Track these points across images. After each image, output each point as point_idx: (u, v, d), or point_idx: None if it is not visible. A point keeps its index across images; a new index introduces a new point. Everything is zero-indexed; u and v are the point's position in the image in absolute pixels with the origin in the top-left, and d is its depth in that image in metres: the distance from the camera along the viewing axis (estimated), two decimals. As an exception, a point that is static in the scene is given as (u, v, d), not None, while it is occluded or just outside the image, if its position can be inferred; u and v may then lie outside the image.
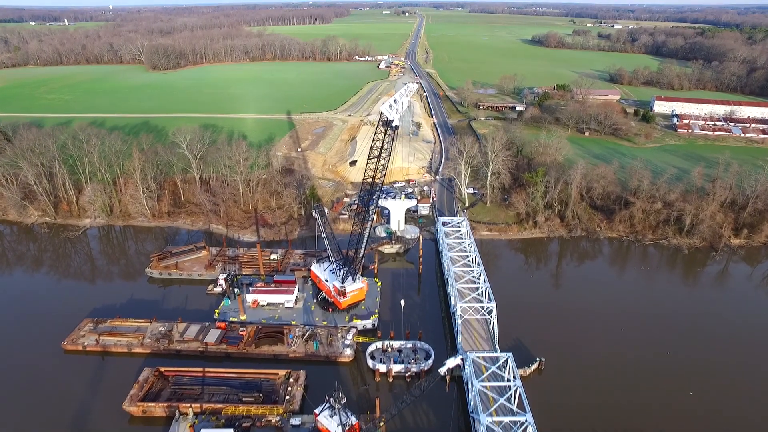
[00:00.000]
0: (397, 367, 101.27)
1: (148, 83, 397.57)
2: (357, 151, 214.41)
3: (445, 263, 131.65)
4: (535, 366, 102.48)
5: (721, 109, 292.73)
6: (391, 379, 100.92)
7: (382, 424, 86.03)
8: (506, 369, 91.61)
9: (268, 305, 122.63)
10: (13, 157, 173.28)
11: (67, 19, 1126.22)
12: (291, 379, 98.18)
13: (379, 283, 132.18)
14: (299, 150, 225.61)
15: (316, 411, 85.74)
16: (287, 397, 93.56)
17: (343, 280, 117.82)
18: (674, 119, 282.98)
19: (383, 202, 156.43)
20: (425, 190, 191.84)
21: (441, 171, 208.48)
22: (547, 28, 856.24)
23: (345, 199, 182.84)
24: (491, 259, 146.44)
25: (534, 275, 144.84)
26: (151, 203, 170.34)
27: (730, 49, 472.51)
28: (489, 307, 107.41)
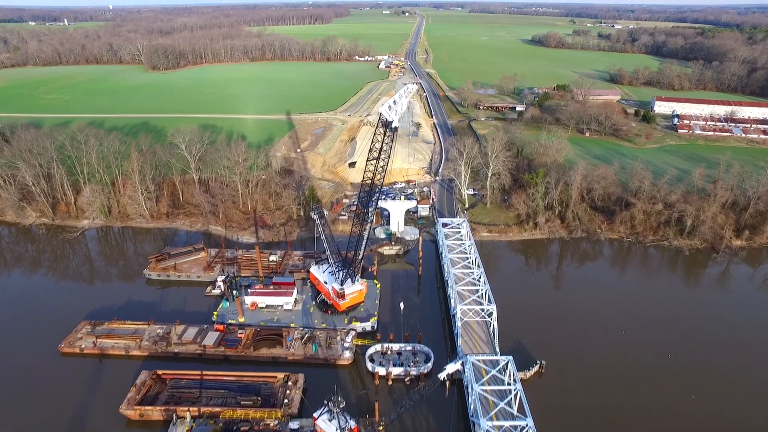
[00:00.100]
0: (397, 370, 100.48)
1: (148, 83, 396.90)
2: (356, 152, 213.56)
3: (445, 265, 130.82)
4: (535, 369, 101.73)
5: (721, 110, 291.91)
6: (391, 383, 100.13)
7: (382, 428, 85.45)
8: (506, 372, 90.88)
9: (267, 307, 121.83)
10: (11, 157, 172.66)
11: (66, 19, 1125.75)
12: (289, 383, 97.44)
13: (378, 285, 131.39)
14: (298, 150, 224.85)
15: (315, 415, 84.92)
16: (286, 401, 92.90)
17: (342, 282, 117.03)
18: (675, 120, 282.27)
19: (383, 203, 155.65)
20: (425, 191, 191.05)
21: (441, 172, 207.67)
22: (547, 28, 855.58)
23: (344, 200, 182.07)
24: (491, 261, 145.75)
25: (534, 277, 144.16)
26: (149, 204, 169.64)
27: (731, 50, 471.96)
28: (489, 310, 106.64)
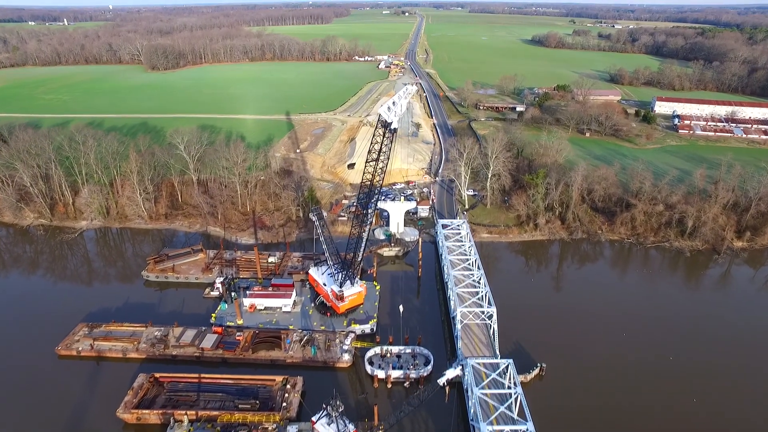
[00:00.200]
0: (396, 373, 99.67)
1: (147, 83, 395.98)
2: (356, 152, 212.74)
3: (445, 266, 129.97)
4: (536, 372, 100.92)
5: (722, 110, 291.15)
6: (390, 386, 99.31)
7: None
8: (507, 376, 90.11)
9: (266, 309, 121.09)
10: (8, 158, 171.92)
11: (66, 19, 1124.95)
12: (288, 386, 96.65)
13: (377, 287, 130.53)
14: (298, 151, 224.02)
15: (313, 419, 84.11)
16: (284, 404, 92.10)
17: (342, 284, 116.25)
18: (675, 120, 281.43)
19: (382, 204, 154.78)
20: (425, 191, 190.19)
21: (441, 172, 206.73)
22: (547, 28, 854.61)
23: (344, 201, 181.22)
24: (491, 262, 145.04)
25: (535, 278, 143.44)
26: (148, 205, 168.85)
27: (731, 50, 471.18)
28: (489, 312, 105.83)
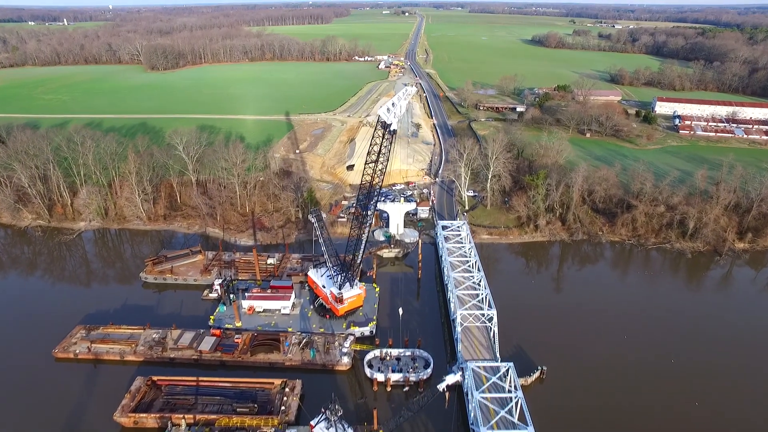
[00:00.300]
0: (396, 376, 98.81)
1: (147, 83, 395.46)
2: (356, 153, 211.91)
3: (445, 268, 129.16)
4: (536, 375, 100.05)
5: (723, 110, 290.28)
6: (390, 389, 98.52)
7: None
8: (507, 379, 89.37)
9: (265, 311, 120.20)
10: (6, 159, 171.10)
11: (66, 19, 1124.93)
12: (287, 389, 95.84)
13: (377, 289, 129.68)
14: (297, 151, 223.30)
15: (312, 423, 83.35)
16: (283, 408, 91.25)
17: (341, 287, 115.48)
18: (676, 120, 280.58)
19: (382, 205, 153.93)
20: (425, 192, 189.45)
21: (441, 173, 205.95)
22: (547, 28, 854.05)
23: (343, 202, 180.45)
24: (491, 263, 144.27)
25: (535, 280, 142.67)
26: (146, 206, 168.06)
27: (732, 50, 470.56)
28: (489, 315, 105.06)
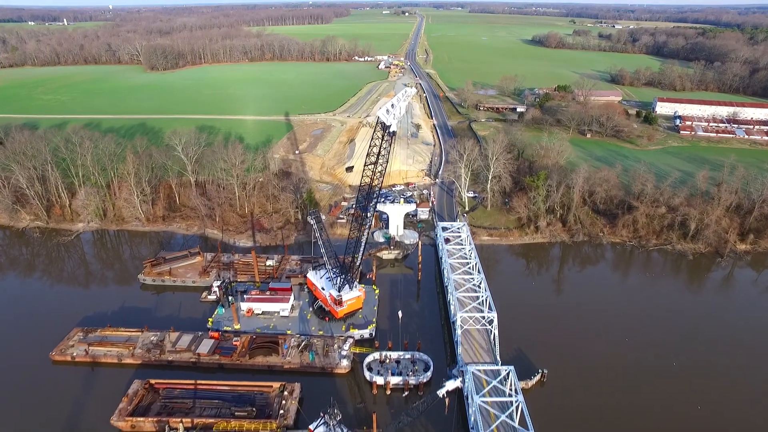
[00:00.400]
0: (395, 379, 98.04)
1: (146, 84, 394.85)
2: (355, 154, 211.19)
3: (445, 270, 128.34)
4: (537, 378, 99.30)
5: (724, 111, 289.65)
6: (389, 392, 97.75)
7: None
8: (508, 383, 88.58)
9: (263, 314, 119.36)
10: (4, 160, 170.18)
11: (66, 19, 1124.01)
12: (285, 392, 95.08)
13: (377, 291, 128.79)
14: (297, 152, 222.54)
15: (311, 427, 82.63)
16: (281, 411, 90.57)
17: (340, 289, 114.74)
18: (677, 121, 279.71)
19: (381, 206, 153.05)
20: (425, 193, 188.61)
21: (441, 174, 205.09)
22: (548, 28, 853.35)
23: (343, 203, 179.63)
24: (492, 265, 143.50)
25: (536, 281, 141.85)
26: (145, 207, 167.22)
27: (732, 50, 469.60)
28: (490, 317, 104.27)
